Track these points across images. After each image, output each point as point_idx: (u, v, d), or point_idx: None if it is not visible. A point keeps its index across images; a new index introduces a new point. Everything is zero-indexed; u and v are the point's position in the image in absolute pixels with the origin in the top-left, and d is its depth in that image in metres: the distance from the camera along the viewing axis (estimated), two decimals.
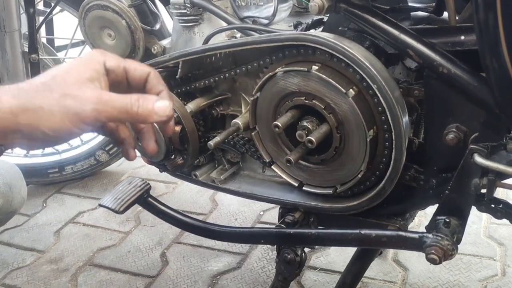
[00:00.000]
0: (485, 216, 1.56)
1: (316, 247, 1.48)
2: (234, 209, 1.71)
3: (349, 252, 1.21)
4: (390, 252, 1.45)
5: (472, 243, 1.47)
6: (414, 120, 0.88)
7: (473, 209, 0.84)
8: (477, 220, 1.56)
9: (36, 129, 0.61)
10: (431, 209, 0.87)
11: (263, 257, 1.47)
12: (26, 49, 1.50)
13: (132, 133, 0.74)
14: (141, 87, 0.70)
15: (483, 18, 0.63)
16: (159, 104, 0.64)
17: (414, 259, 1.41)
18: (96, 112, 0.61)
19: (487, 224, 1.55)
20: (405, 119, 0.80)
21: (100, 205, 1.02)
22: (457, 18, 0.80)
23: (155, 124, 0.80)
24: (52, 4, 1.60)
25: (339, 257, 1.43)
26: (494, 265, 1.39)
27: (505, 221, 0.85)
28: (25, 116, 0.60)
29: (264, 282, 1.37)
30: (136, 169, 1.99)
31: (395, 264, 1.42)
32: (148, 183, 1.06)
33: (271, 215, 1.65)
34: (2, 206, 1.32)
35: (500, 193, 1.59)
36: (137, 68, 0.68)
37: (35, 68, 1.53)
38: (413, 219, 1.01)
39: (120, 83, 0.68)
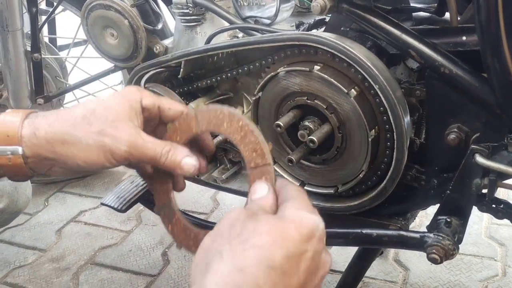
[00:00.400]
0: (486, 216, 1.57)
1: None
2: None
3: (350, 252, 1.21)
4: (391, 252, 1.45)
5: (473, 243, 1.48)
6: (416, 120, 0.88)
7: (474, 209, 0.85)
8: (478, 221, 1.56)
9: (71, 160, 0.64)
10: (432, 209, 0.87)
11: None
12: (29, 48, 1.51)
13: None
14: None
15: (485, 19, 0.63)
16: (187, 160, 0.66)
17: (415, 259, 1.42)
18: (128, 153, 0.64)
19: (488, 225, 1.55)
20: (407, 119, 0.80)
21: (103, 204, 1.02)
22: (459, 18, 0.80)
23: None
24: (55, 4, 1.60)
25: (340, 256, 1.43)
26: (495, 265, 1.40)
27: (506, 221, 0.85)
28: (62, 147, 0.63)
29: None
30: None
31: (396, 264, 1.42)
32: None
33: None
34: (7, 206, 1.32)
35: (501, 193, 1.59)
36: (171, 108, 0.71)
37: (37, 67, 1.54)
38: (414, 219, 1.01)
39: (153, 120, 0.71)
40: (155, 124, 0.72)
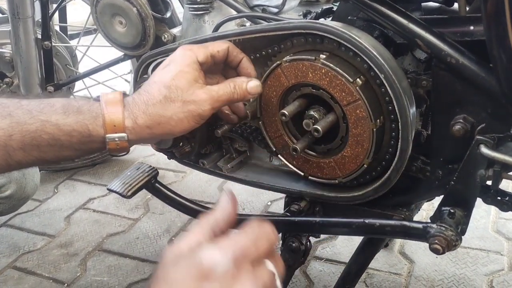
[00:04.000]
0: (494, 210, 1.56)
1: (323, 237, 1.49)
2: (242, 199, 1.72)
3: (355, 243, 1.21)
4: (397, 244, 1.45)
5: (479, 238, 1.47)
6: (423, 112, 0.88)
7: (482, 204, 0.84)
8: (486, 215, 1.55)
9: (168, 133, 0.77)
10: (439, 201, 0.87)
11: None
12: (39, 36, 1.52)
13: None
14: (223, 61, 0.83)
15: (490, 9, 0.62)
16: (251, 84, 0.80)
17: (421, 252, 1.42)
18: (211, 108, 0.77)
19: (495, 219, 1.54)
20: (412, 109, 0.80)
21: (109, 189, 1.03)
22: (467, 8, 0.79)
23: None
24: None
25: (345, 248, 1.44)
26: (501, 259, 1.39)
27: None
28: (159, 127, 0.75)
29: None
30: (146, 157, 2.01)
31: (401, 256, 1.42)
32: (156, 169, 1.07)
33: (279, 206, 1.66)
34: (15, 192, 1.34)
35: (510, 186, 1.57)
36: (219, 50, 0.81)
37: (47, 55, 1.55)
38: (419, 210, 1.01)
39: (208, 67, 0.81)
40: (221, 68, 0.85)
